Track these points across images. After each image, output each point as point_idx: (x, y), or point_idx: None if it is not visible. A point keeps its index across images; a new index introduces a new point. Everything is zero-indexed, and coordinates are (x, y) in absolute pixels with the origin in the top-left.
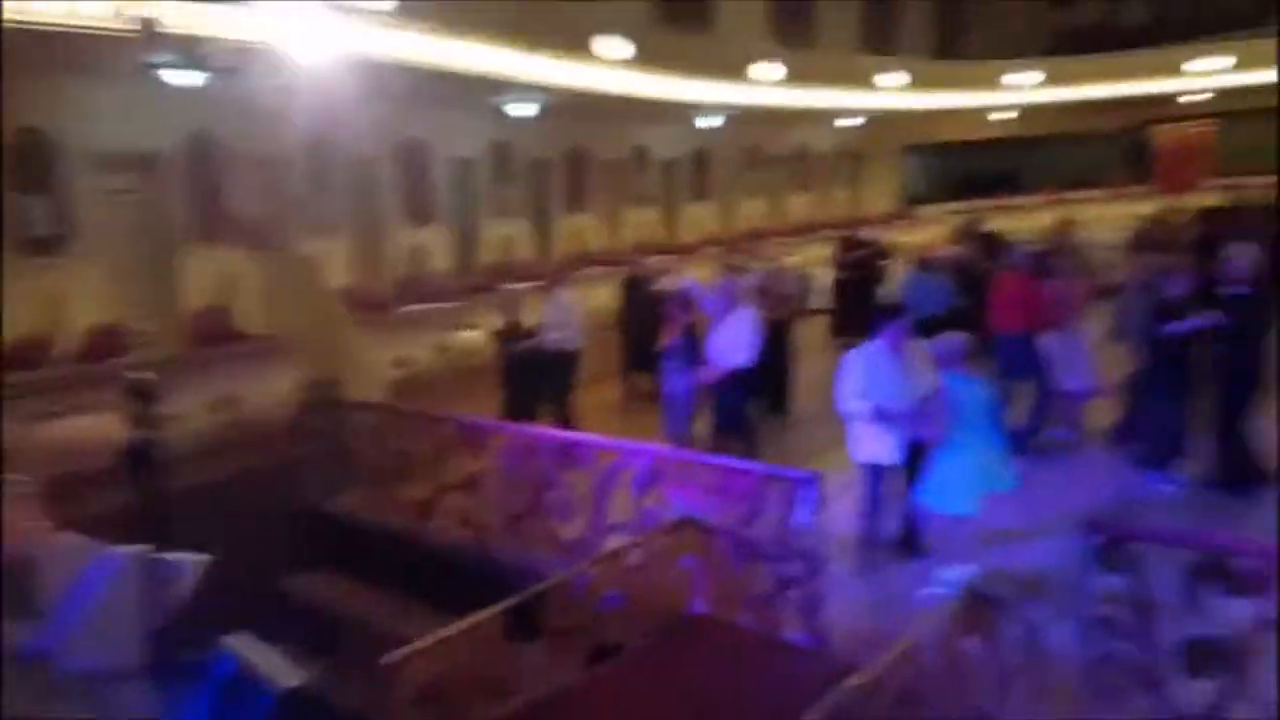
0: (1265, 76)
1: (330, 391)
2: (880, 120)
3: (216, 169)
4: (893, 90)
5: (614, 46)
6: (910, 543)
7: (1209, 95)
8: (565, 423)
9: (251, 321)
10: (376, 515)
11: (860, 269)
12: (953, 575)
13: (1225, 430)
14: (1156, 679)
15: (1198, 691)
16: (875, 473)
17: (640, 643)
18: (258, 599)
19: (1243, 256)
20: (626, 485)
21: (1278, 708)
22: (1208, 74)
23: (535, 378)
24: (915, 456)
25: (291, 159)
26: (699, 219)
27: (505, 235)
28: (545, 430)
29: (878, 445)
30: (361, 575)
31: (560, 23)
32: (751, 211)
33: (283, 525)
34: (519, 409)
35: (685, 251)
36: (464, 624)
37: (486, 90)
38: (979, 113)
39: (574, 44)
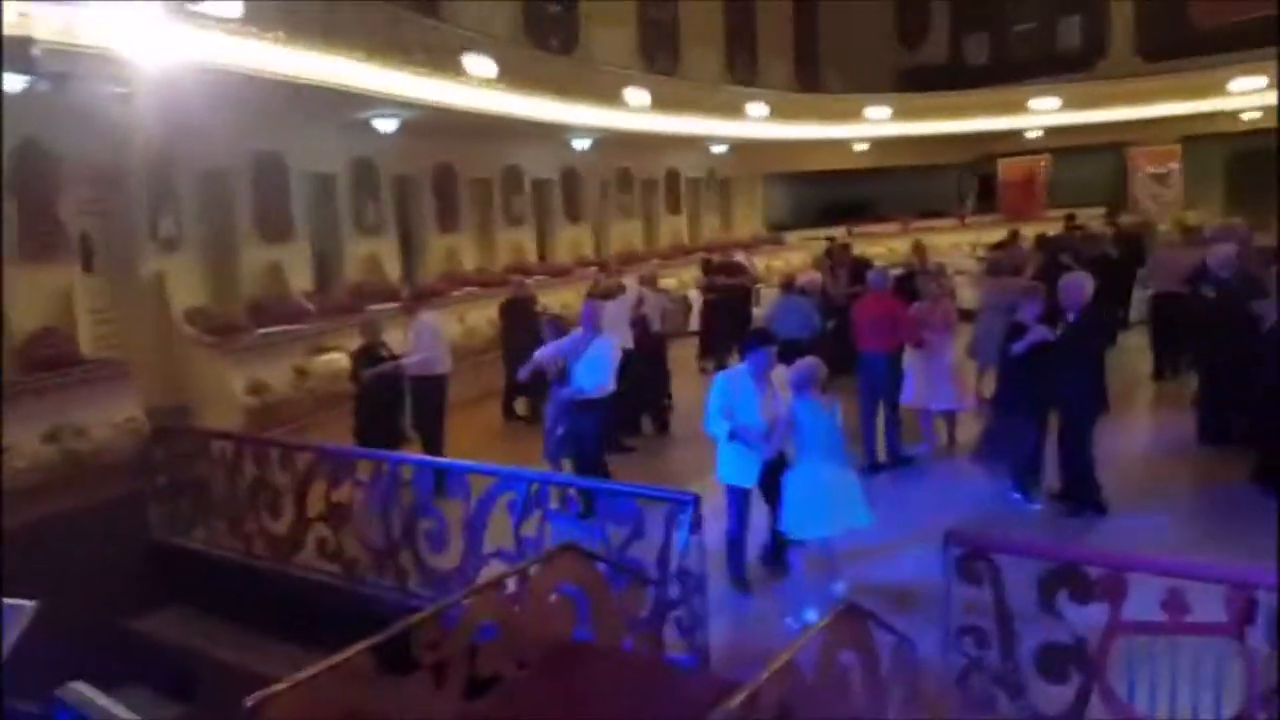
0: (1090, 116)
1: (180, 420)
2: (745, 148)
3: (46, 181)
4: (756, 120)
5: (480, 64)
6: (778, 561)
7: (1040, 133)
8: (435, 449)
9: (90, 345)
10: (234, 550)
11: (727, 291)
12: (811, 615)
13: (1071, 448)
14: (1019, 684)
15: (1056, 695)
16: (738, 493)
17: (519, 673)
18: (103, 642)
19: (1079, 283)
20: (503, 512)
21: None
22: (1041, 112)
23: (393, 404)
24: (773, 478)
25: (131, 171)
26: (573, 240)
27: (370, 254)
28: (415, 457)
29: (739, 467)
30: (219, 614)
31: (425, 38)
32: (624, 234)
33: (130, 563)
34: (372, 437)
35: (560, 273)
36: (332, 661)
37: (347, 104)
38: (837, 144)
39: (439, 60)
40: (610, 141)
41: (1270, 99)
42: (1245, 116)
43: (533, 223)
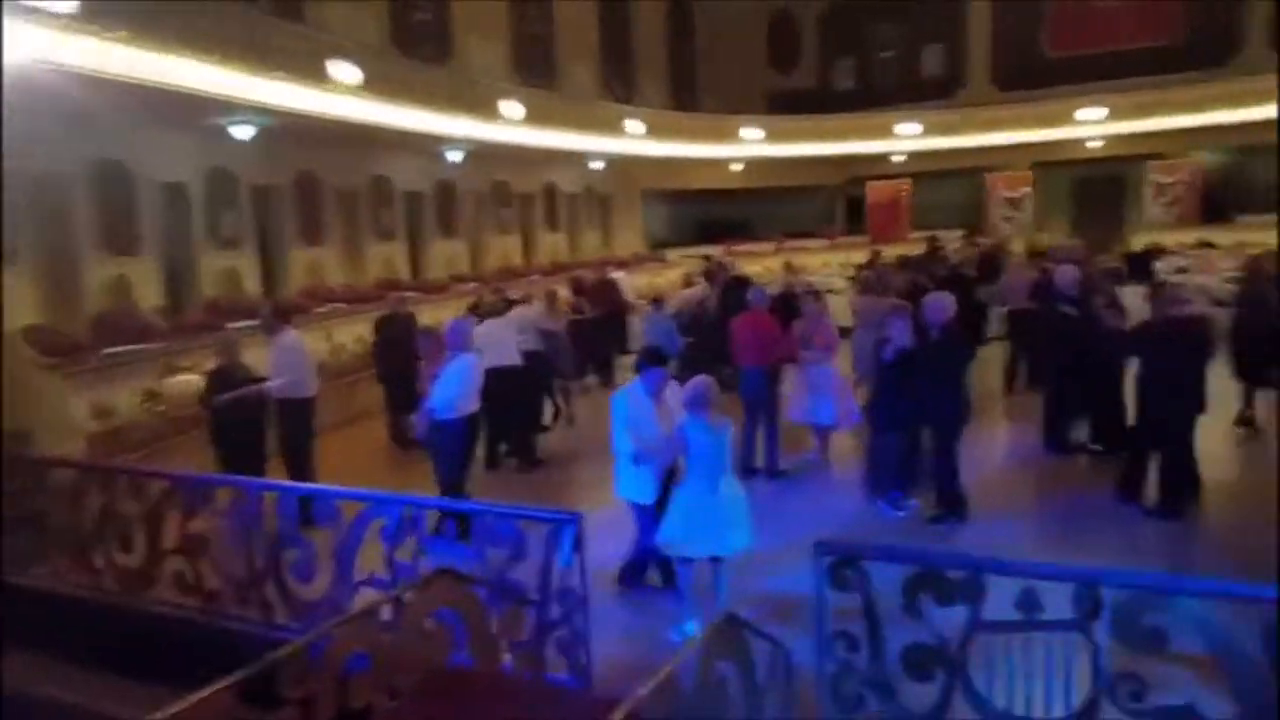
0: (949, 142)
1: (17, 447)
2: (624, 165)
3: None
4: (634, 137)
5: (345, 71)
6: (668, 576)
7: (904, 158)
8: (303, 476)
9: None
10: (82, 587)
11: (598, 308)
12: (692, 627)
13: (937, 458)
14: (888, 685)
15: (922, 693)
16: (635, 510)
17: (392, 703)
18: None
19: (941, 301)
20: (376, 538)
21: None
22: (905, 137)
23: (255, 429)
24: (667, 495)
25: None
26: (447, 255)
27: (227, 268)
28: (279, 483)
29: (639, 484)
30: (68, 656)
31: (287, 43)
32: (502, 249)
33: None
34: (236, 466)
35: (434, 289)
36: (191, 700)
37: (200, 110)
38: (714, 163)
39: (302, 66)
40: (486, 154)
41: (1110, 129)
42: (1090, 144)
43: (404, 236)
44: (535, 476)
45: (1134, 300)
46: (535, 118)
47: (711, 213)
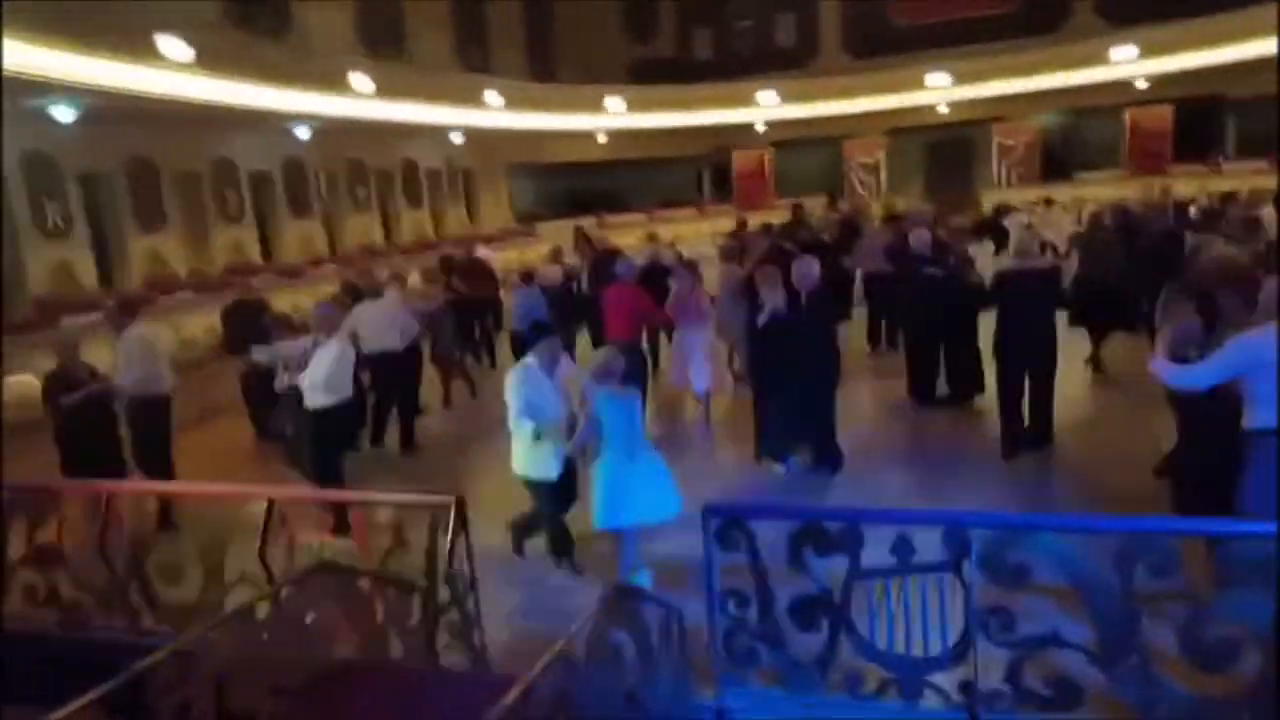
0: (806, 111)
1: None
2: (485, 138)
3: None
4: (494, 109)
5: (174, 47)
6: (562, 554)
7: (765, 127)
8: (161, 475)
9: None
10: None
11: (472, 287)
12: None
13: (813, 415)
14: (778, 637)
15: (810, 642)
16: (536, 488)
17: (276, 703)
18: None
19: (808, 266)
20: (247, 534)
21: None
22: (764, 107)
23: (105, 432)
24: (567, 472)
25: None
26: (301, 236)
27: (59, 261)
28: (138, 484)
29: (541, 461)
30: None
31: (111, 19)
32: (361, 228)
33: None
34: (86, 470)
35: (290, 273)
36: (53, 718)
37: (14, 92)
38: (579, 135)
39: (127, 42)
40: (336, 130)
41: (957, 94)
42: (939, 110)
43: (253, 219)
44: (418, 461)
45: (985, 256)
46: (387, 90)
47: (581, 184)
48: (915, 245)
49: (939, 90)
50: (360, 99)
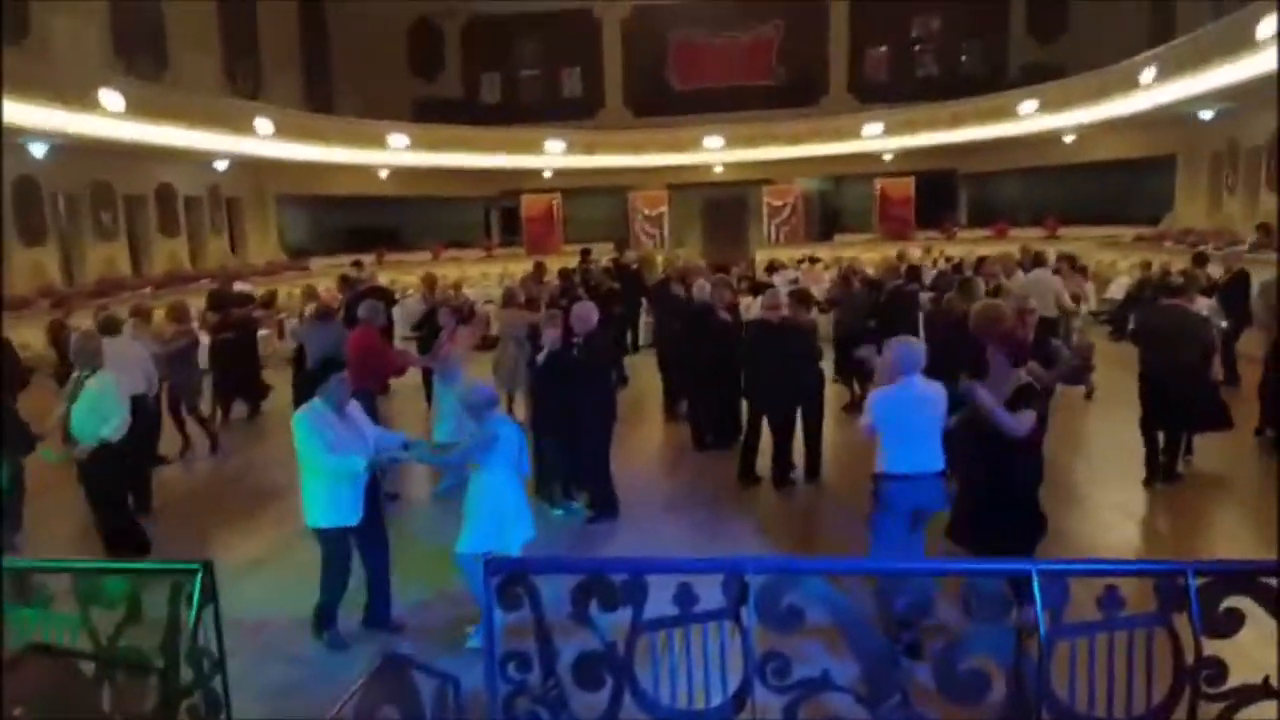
0: (592, 161)
1: None
2: (256, 167)
3: None
4: (264, 137)
5: None
6: (327, 623)
7: (551, 173)
8: None
9: None
10: None
11: (239, 327)
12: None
13: (589, 458)
14: (561, 699)
15: (594, 701)
16: (338, 535)
17: None
18: None
19: (586, 310)
20: None
21: None
22: (551, 154)
23: None
24: (371, 519)
25: None
26: (32, 264)
27: None
28: None
29: (338, 504)
30: None
31: None
32: (105, 257)
33: None
34: None
35: (17, 304)
36: None
37: None
38: (360, 169)
39: None
40: (82, 150)
41: (729, 156)
42: (716, 170)
43: None
44: (159, 523)
45: (756, 308)
46: (142, 110)
47: (361, 220)
48: (696, 295)
49: (714, 151)
50: (110, 118)
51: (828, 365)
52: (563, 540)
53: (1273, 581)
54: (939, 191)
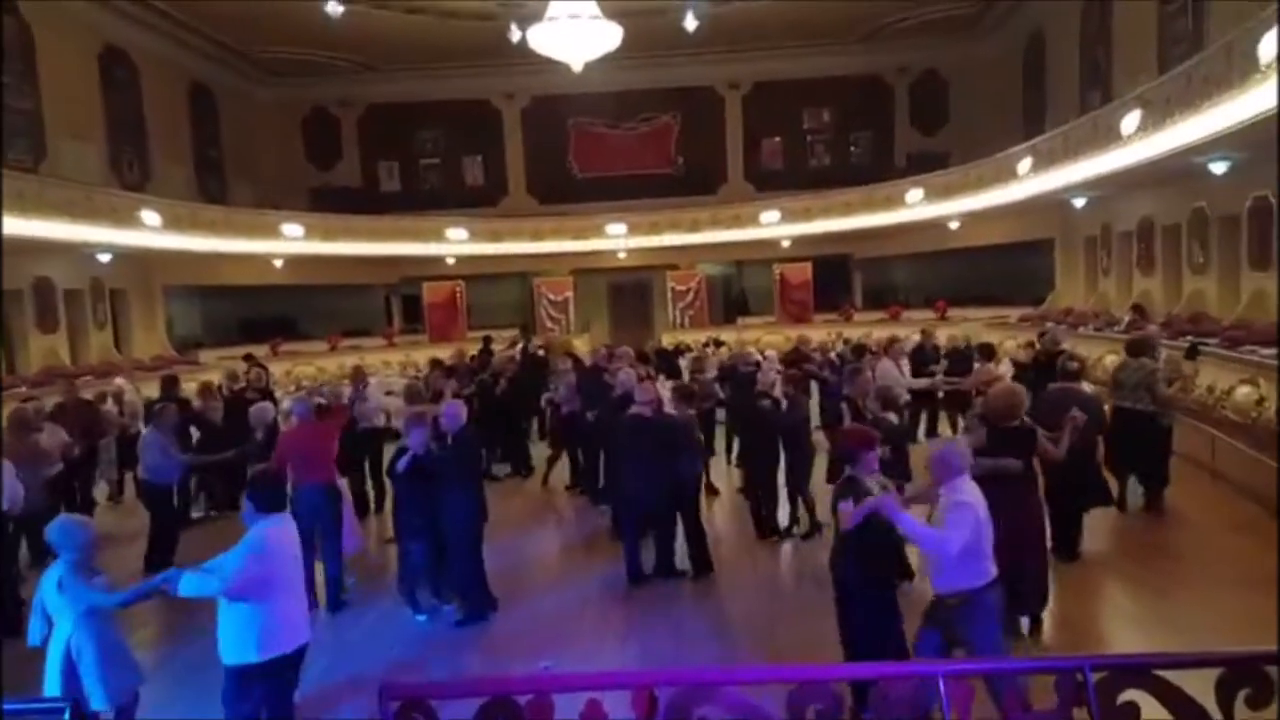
0: (495, 248)
1: None
2: (142, 258)
3: None
4: (150, 229)
5: None
6: None
7: (454, 260)
8: None
9: None
10: None
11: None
12: None
13: (459, 558)
14: None
15: None
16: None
17: None
18: None
19: (454, 408)
20: None
21: None
22: (453, 241)
23: None
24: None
25: None
26: None
27: None
28: None
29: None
30: None
31: None
32: None
33: None
34: None
35: None
36: None
37: None
38: (251, 258)
39: None
40: None
41: (632, 243)
42: (619, 255)
43: None
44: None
45: (666, 392)
46: (16, 204)
47: (254, 309)
48: (621, 382)
49: (618, 238)
50: None
51: None
52: (434, 645)
53: (1166, 675)
54: (835, 275)
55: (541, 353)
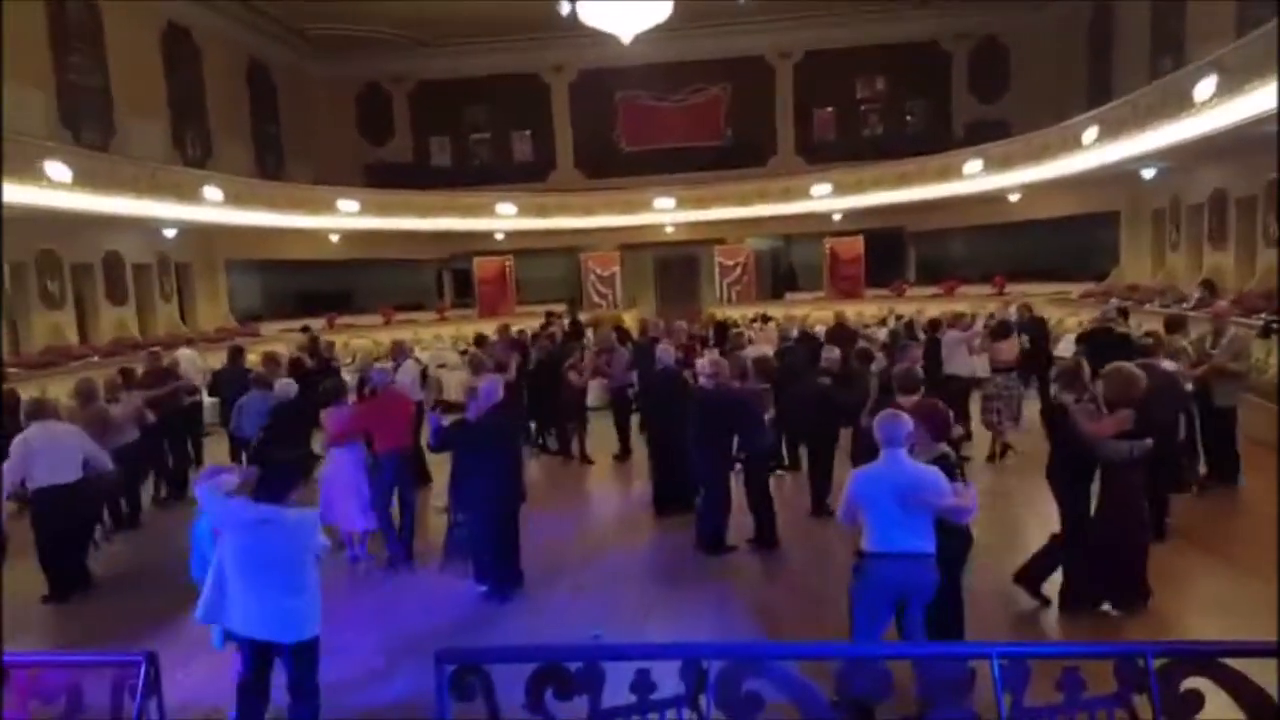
0: (544, 223)
1: None
2: (206, 234)
3: None
4: (213, 204)
5: None
6: None
7: (503, 236)
8: None
9: None
10: None
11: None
12: None
13: (495, 534)
14: None
15: None
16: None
17: None
18: None
19: (490, 384)
20: None
21: None
22: (503, 216)
23: None
24: None
25: None
26: None
27: None
28: None
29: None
30: None
31: None
32: (51, 327)
33: None
34: None
35: None
36: None
37: None
38: (311, 234)
39: None
40: (25, 220)
41: (680, 217)
42: (667, 230)
43: None
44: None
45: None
46: (88, 180)
47: (311, 284)
48: (661, 358)
49: (665, 212)
50: (56, 189)
51: None
52: (508, 618)
53: (1232, 663)
54: (888, 250)
55: (590, 330)
